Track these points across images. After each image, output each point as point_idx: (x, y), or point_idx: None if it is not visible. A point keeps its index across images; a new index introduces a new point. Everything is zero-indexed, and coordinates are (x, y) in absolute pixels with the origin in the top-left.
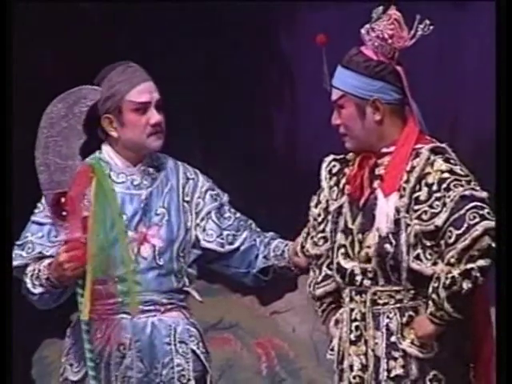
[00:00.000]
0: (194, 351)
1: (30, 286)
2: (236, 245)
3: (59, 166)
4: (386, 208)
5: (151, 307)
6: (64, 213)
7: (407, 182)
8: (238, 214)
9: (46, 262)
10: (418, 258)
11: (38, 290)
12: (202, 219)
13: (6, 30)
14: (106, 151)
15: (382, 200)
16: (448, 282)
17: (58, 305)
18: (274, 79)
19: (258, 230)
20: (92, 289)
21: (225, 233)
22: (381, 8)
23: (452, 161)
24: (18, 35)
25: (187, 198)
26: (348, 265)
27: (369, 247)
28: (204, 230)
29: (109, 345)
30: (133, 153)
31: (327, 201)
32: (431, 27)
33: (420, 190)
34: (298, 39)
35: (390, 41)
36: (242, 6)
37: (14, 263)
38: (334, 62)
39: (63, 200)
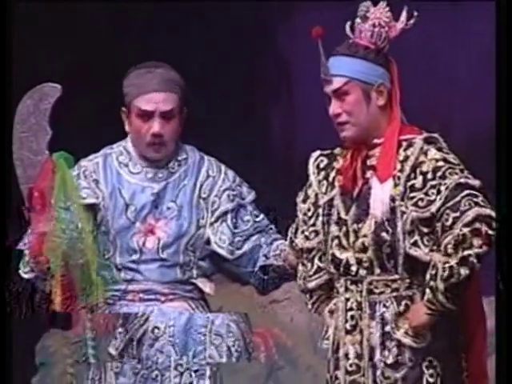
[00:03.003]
0: (229, 348)
1: (21, 271)
2: (243, 249)
3: (31, 161)
4: (381, 194)
5: (151, 296)
6: (38, 207)
7: (401, 170)
8: (260, 218)
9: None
10: (415, 244)
11: (29, 276)
12: (217, 219)
13: (6, 30)
14: (129, 143)
15: (377, 187)
16: (446, 273)
17: None
18: (272, 76)
19: (277, 236)
20: (62, 280)
21: (236, 239)
22: (369, 2)
23: (444, 150)
24: (18, 35)
25: (204, 195)
26: (343, 255)
27: (365, 236)
28: (217, 232)
29: (145, 325)
30: (138, 152)
31: (316, 195)
32: (416, 13)
33: (415, 178)
34: (296, 36)
35: (386, 28)
36: (240, 4)
37: (18, 246)
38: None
39: (36, 194)
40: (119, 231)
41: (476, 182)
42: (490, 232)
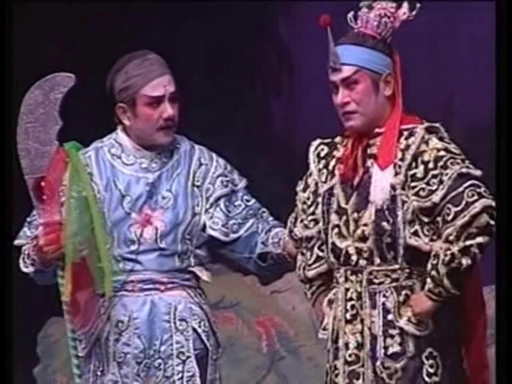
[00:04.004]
0: (195, 329)
1: (21, 265)
2: (240, 233)
3: (39, 151)
4: (381, 181)
5: (150, 286)
6: (44, 197)
7: (402, 159)
8: (252, 202)
9: (33, 243)
10: (415, 234)
11: (30, 270)
12: (211, 205)
13: (6, 30)
14: (120, 135)
15: (378, 174)
16: (447, 258)
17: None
18: (273, 65)
19: (270, 219)
20: (73, 270)
21: (231, 222)
22: None
23: (446, 139)
24: (18, 35)
25: (198, 183)
26: (343, 244)
27: (365, 225)
28: (211, 217)
29: (109, 322)
30: (143, 141)
31: (316, 183)
32: (418, 5)
33: (416, 167)
34: (297, 26)
35: (391, 18)
36: None
37: (17, 241)
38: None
39: (43, 184)
40: (116, 223)
41: (477, 172)
42: (492, 222)
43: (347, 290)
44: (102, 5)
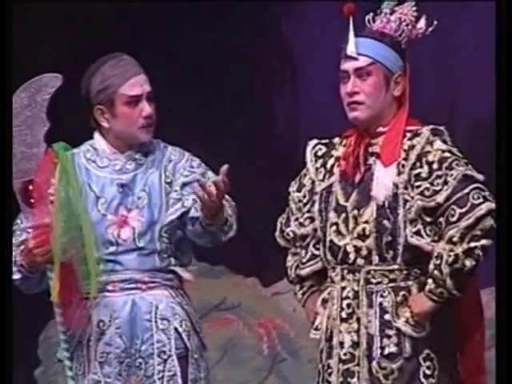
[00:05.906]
0: (176, 329)
1: None
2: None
3: (25, 154)
4: (384, 178)
5: (132, 285)
6: (32, 200)
7: (406, 159)
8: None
9: (20, 248)
10: (418, 233)
11: (17, 276)
12: (180, 193)
13: (6, 30)
14: (97, 139)
15: (381, 171)
16: (451, 259)
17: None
18: (276, 66)
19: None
20: (60, 271)
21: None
22: (393, 2)
23: (449, 143)
24: (18, 35)
25: (168, 180)
26: (341, 242)
27: (366, 222)
28: (182, 201)
29: (90, 323)
30: (122, 142)
31: (313, 182)
32: (436, 22)
33: (421, 167)
34: (299, 26)
35: (410, 26)
36: None
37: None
38: (338, 47)
39: (31, 187)
40: (93, 225)
41: (480, 177)
42: (494, 225)
43: (343, 288)
44: (102, 5)
